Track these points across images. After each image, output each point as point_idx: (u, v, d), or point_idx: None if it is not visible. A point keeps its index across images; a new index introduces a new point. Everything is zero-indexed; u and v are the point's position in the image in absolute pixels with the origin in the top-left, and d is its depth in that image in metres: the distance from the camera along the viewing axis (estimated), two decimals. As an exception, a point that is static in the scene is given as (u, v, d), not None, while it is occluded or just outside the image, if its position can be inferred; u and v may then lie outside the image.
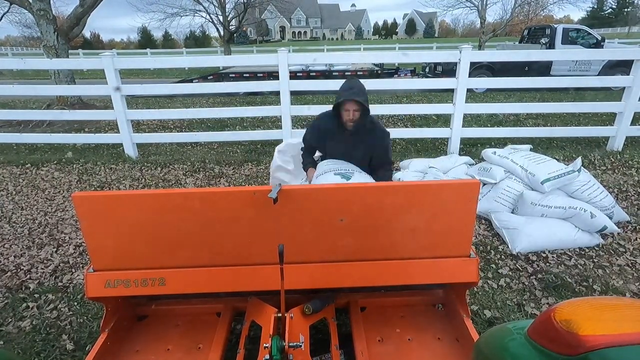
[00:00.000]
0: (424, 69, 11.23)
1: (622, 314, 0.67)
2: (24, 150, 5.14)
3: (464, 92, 4.14)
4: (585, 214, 2.52)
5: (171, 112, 5.57)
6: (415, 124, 6.16)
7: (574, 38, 9.57)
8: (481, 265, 2.41)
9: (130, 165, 4.38)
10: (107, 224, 1.32)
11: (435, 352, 1.50)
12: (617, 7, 53.22)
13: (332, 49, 22.72)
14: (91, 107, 7.30)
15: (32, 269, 2.49)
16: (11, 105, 8.45)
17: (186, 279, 1.39)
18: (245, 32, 52.45)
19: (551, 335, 0.68)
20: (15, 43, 44.75)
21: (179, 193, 1.33)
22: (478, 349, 0.95)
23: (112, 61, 4.14)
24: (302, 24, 78.16)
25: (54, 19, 6.75)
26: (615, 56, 7.22)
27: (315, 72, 10.08)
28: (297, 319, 1.44)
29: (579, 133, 4.76)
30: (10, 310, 2.09)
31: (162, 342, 1.59)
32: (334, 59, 7.11)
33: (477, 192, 1.31)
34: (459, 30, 67.62)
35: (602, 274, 2.30)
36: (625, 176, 3.71)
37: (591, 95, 8.16)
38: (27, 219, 3.18)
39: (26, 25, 25.34)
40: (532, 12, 18.14)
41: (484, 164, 3.21)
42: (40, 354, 1.79)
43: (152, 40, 62.75)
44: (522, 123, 5.99)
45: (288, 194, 1.28)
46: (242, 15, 18.36)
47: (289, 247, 1.22)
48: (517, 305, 2.06)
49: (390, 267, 1.40)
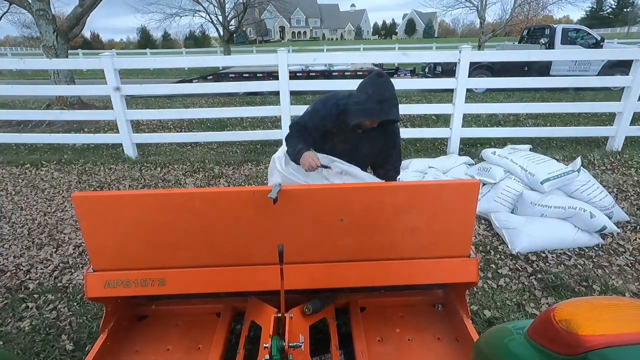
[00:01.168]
0: (424, 69, 11.23)
1: (622, 313, 0.67)
2: (24, 150, 5.14)
3: (463, 92, 4.14)
4: (584, 214, 2.53)
5: (171, 112, 5.56)
6: (414, 124, 6.16)
7: (574, 38, 9.57)
8: (481, 265, 2.41)
9: (130, 165, 4.38)
10: (106, 224, 1.32)
11: (435, 352, 1.51)
12: (616, 7, 53.27)
13: (332, 49, 22.70)
14: (91, 107, 7.29)
15: (32, 269, 2.48)
16: (11, 105, 8.44)
17: (186, 279, 1.39)
18: (244, 32, 52.47)
19: (551, 335, 0.68)
20: (15, 43, 44.74)
21: (178, 193, 1.33)
22: (478, 349, 0.95)
23: (112, 61, 4.14)
24: (301, 24, 78.17)
25: (53, 19, 6.74)
26: (614, 56, 7.23)
27: (314, 72, 10.07)
28: (297, 319, 1.44)
29: (579, 133, 4.76)
30: (10, 311, 2.09)
31: (162, 342, 1.59)
32: (333, 59, 7.13)
33: (477, 192, 1.31)
34: (458, 30, 67.62)
35: (601, 274, 2.30)
36: (625, 176, 3.71)
37: (591, 95, 8.17)
38: (26, 219, 3.17)
39: (25, 25, 25.32)
40: (531, 12, 18.15)
41: (483, 164, 3.21)
42: (39, 354, 1.79)
43: (152, 40, 62.72)
44: (522, 123, 5.99)
45: (288, 194, 1.28)
46: (242, 16, 18.38)
47: (288, 247, 1.22)
48: (517, 305, 2.06)
49: (390, 267, 1.40)
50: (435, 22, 74.05)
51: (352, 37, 79.70)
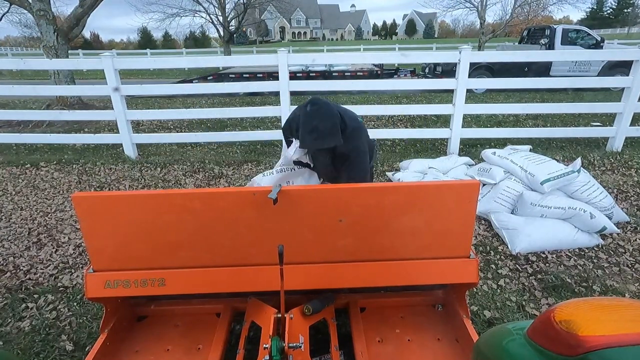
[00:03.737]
0: (424, 69, 11.24)
1: (622, 314, 0.67)
2: (24, 150, 5.14)
3: (463, 93, 4.14)
4: (584, 214, 2.53)
5: (171, 112, 5.56)
6: (415, 124, 6.16)
7: (574, 39, 9.58)
8: (481, 265, 2.41)
9: (130, 165, 4.38)
10: (106, 224, 1.32)
11: (434, 353, 1.50)
12: (616, 7, 53.28)
13: (332, 49, 22.71)
14: (91, 107, 7.30)
15: (32, 269, 2.48)
16: (11, 105, 8.44)
17: (186, 279, 1.39)
18: (245, 32, 52.51)
19: (551, 336, 0.68)
20: (15, 43, 44.73)
21: (178, 193, 1.33)
22: (478, 350, 0.95)
23: (112, 61, 4.14)
24: (301, 24, 78.18)
25: (53, 19, 6.75)
26: (614, 57, 7.23)
27: (314, 73, 10.08)
28: (297, 319, 1.43)
29: (579, 134, 4.76)
30: (10, 311, 2.09)
31: (162, 342, 1.59)
32: (333, 59, 7.11)
33: (477, 192, 1.31)
34: (458, 30, 67.64)
35: (601, 275, 2.30)
36: (625, 177, 3.71)
37: (590, 96, 8.17)
38: (26, 220, 3.17)
39: (26, 26, 25.26)
40: (531, 13, 18.16)
41: (483, 165, 3.21)
42: (39, 355, 1.79)
43: (152, 40, 62.67)
44: (522, 123, 6.00)
45: (288, 194, 1.28)
46: (242, 16, 18.36)
47: (288, 248, 1.22)
48: (517, 305, 2.06)
49: (390, 268, 1.40)
50: (436, 22, 74.05)
51: (352, 38, 79.72)
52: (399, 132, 4.93)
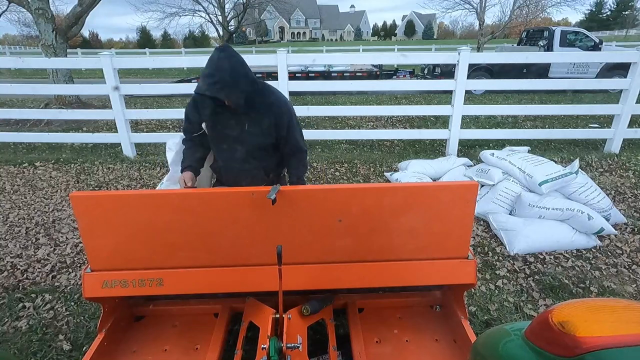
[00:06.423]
0: (423, 70, 11.25)
1: (619, 315, 0.68)
2: (22, 149, 5.12)
3: (462, 94, 4.14)
4: (582, 215, 2.53)
5: (170, 111, 5.54)
6: (413, 125, 6.17)
7: (572, 40, 9.61)
8: (479, 266, 2.41)
9: (128, 165, 4.37)
10: (104, 224, 1.32)
11: (432, 354, 1.51)
12: (615, 9, 53.46)
13: (331, 49, 22.73)
14: (89, 106, 7.27)
15: (29, 268, 2.47)
16: (9, 104, 8.42)
17: (184, 279, 1.39)
18: (244, 32, 52.46)
19: (548, 337, 0.68)
20: (14, 42, 44.57)
21: (177, 193, 1.33)
22: (475, 351, 0.95)
23: (111, 61, 4.13)
24: (301, 24, 78.19)
25: (52, 18, 6.73)
26: (613, 59, 7.27)
27: (314, 73, 10.09)
28: (295, 319, 1.43)
29: (577, 135, 4.78)
30: (7, 310, 2.08)
31: (160, 342, 1.59)
32: (333, 59, 7.11)
33: (475, 193, 1.32)
34: (457, 32, 67.79)
35: (599, 276, 2.31)
36: (622, 178, 3.73)
37: (589, 98, 8.20)
38: (24, 219, 3.16)
39: (25, 24, 25.25)
40: (530, 15, 18.21)
41: (482, 166, 3.22)
42: (36, 354, 1.78)
43: (151, 40, 62.62)
44: (520, 125, 6.01)
45: (286, 194, 1.28)
46: (242, 16, 18.40)
47: (287, 248, 1.22)
48: (515, 306, 2.06)
49: (388, 269, 1.40)
50: (435, 23, 74.18)
51: (351, 38, 79.75)
52: (397, 132, 4.93)
